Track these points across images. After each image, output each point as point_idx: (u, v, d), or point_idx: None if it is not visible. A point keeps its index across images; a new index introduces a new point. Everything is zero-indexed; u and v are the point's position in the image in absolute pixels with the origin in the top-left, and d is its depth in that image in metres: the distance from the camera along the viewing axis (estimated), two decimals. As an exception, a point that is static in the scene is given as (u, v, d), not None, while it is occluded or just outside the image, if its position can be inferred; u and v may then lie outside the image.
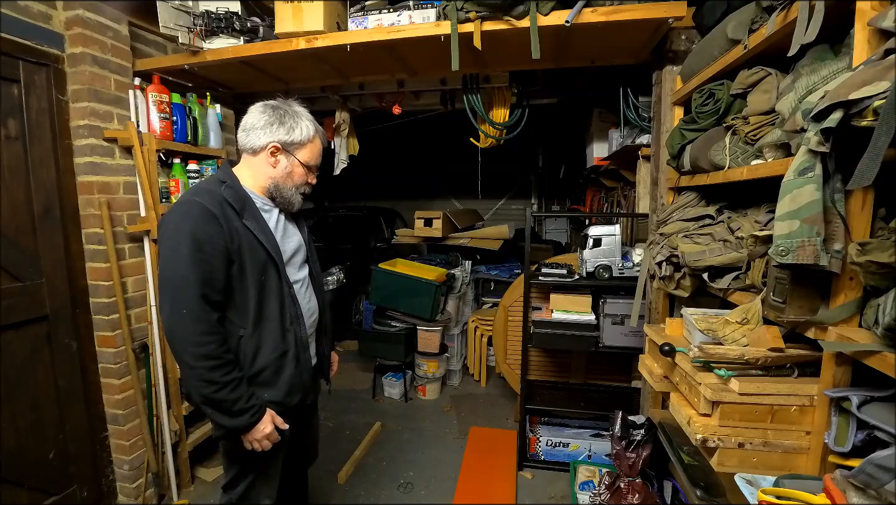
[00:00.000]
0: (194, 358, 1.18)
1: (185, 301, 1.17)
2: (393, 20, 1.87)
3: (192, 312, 1.18)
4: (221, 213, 1.23)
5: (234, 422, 1.25)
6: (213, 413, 1.26)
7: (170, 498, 2.25)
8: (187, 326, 1.17)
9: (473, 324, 3.66)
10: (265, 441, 1.30)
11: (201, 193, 1.25)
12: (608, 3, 1.66)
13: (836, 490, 0.81)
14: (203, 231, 1.19)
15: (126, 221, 2.07)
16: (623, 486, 1.91)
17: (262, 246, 1.29)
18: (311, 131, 1.36)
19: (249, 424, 1.26)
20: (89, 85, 1.91)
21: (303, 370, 1.40)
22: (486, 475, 2.45)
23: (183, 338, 1.18)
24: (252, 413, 1.26)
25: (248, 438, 1.29)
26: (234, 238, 1.24)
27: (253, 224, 1.28)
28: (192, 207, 1.21)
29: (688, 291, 1.48)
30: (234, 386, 1.22)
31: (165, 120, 2.14)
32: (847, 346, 0.86)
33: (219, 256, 1.21)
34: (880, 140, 0.70)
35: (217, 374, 1.20)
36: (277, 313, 1.32)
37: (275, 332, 1.32)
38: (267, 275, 1.31)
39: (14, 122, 1.78)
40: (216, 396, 1.21)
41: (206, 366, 1.18)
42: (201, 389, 1.20)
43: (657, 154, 2.00)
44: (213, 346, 1.19)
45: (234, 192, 1.29)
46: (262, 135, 1.31)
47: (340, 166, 3.00)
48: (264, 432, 1.29)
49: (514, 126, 2.64)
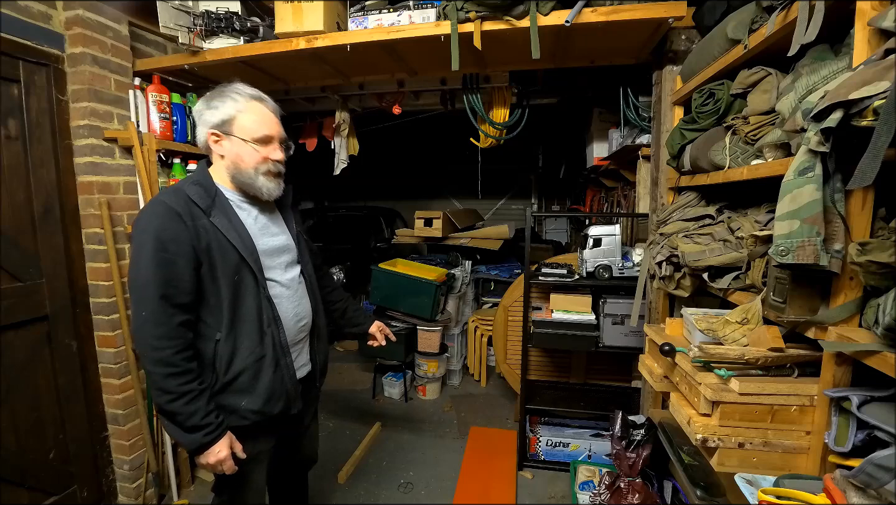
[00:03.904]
0: (151, 363, 1.13)
1: (145, 303, 1.13)
2: (393, 20, 1.87)
3: (151, 315, 1.12)
4: (187, 211, 1.17)
5: (187, 438, 1.17)
6: (167, 425, 1.19)
7: (170, 498, 2.25)
8: (147, 329, 1.12)
9: (473, 324, 3.66)
10: (218, 467, 1.20)
11: (168, 193, 1.21)
12: (608, 3, 1.66)
13: (836, 490, 0.81)
14: (165, 230, 1.14)
15: (126, 221, 2.07)
16: (623, 486, 1.91)
17: (231, 245, 1.21)
18: (240, 102, 1.24)
19: (202, 443, 1.17)
20: (89, 85, 1.91)
21: (283, 376, 1.31)
22: (486, 475, 2.45)
23: (142, 341, 1.14)
24: (207, 432, 1.17)
25: (200, 461, 1.19)
26: (200, 237, 1.17)
27: (222, 222, 1.21)
28: (157, 207, 1.17)
29: (688, 291, 1.47)
30: (190, 398, 1.14)
31: (165, 120, 2.15)
32: (847, 346, 0.86)
33: (183, 255, 1.15)
34: (880, 140, 0.70)
35: (172, 382, 1.13)
36: (254, 315, 1.25)
37: (251, 334, 1.25)
38: (241, 275, 1.23)
39: (14, 122, 1.78)
40: (169, 406, 1.14)
41: (161, 372, 1.12)
42: (157, 397, 1.14)
43: (657, 154, 2.00)
44: (169, 351, 1.13)
45: (202, 190, 1.22)
46: (201, 128, 1.26)
47: (340, 166, 2.99)
48: (218, 457, 1.19)
49: (514, 126, 2.64)
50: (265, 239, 1.32)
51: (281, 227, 1.40)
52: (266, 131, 1.26)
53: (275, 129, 1.29)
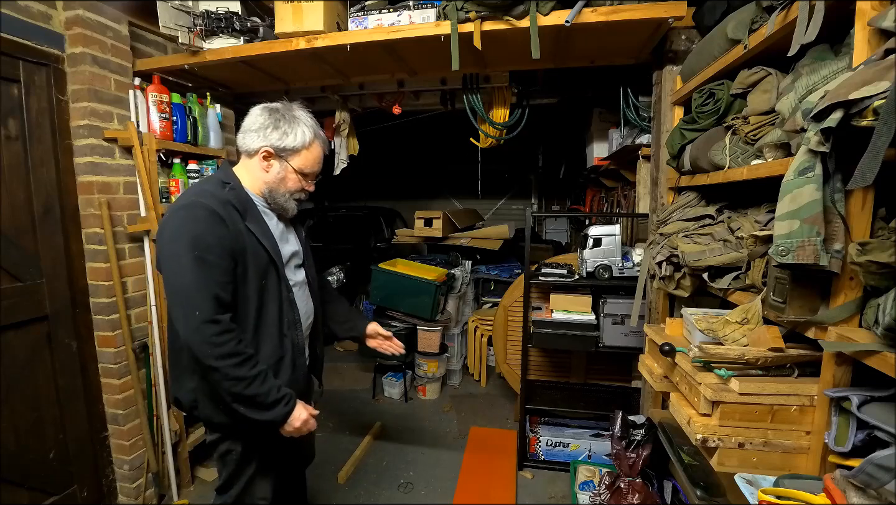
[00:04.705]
0: (218, 358, 1.16)
1: (198, 306, 1.15)
2: (393, 20, 1.87)
3: (204, 315, 1.15)
4: (227, 215, 1.22)
5: (271, 414, 1.24)
6: (247, 410, 1.23)
7: (170, 498, 2.25)
8: (205, 329, 1.15)
9: (473, 324, 3.66)
10: (304, 427, 1.30)
11: (205, 195, 1.23)
12: (608, 3, 1.66)
13: (836, 490, 0.82)
14: (212, 234, 1.18)
15: (126, 221, 2.07)
16: (623, 486, 1.91)
17: (264, 249, 1.28)
18: (308, 137, 1.32)
19: (285, 413, 1.26)
20: (89, 85, 1.91)
21: (298, 376, 1.39)
22: (486, 475, 2.45)
23: (202, 341, 1.16)
24: (285, 402, 1.25)
25: (287, 429, 1.28)
26: (238, 240, 1.23)
27: (256, 227, 1.28)
28: (199, 210, 1.19)
29: (688, 290, 1.47)
30: (262, 379, 1.21)
31: (165, 120, 2.14)
32: (847, 346, 0.86)
33: (226, 258, 1.20)
34: (880, 140, 0.70)
35: (243, 369, 1.18)
36: (276, 318, 1.31)
37: (273, 337, 1.31)
38: (268, 278, 1.29)
39: (14, 122, 1.78)
40: (247, 391, 1.19)
41: (231, 364, 1.17)
42: (231, 387, 1.18)
43: (657, 154, 2.00)
44: (232, 343, 1.17)
45: (238, 195, 1.28)
46: (256, 138, 1.30)
47: (340, 166, 2.99)
48: (301, 419, 1.28)
49: (514, 126, 2.64)
50: (283, 244, 1.39)
51: (292, 233, 1.49)
52: (313, 169, 1.37)
53: (319, 167, 1.39)
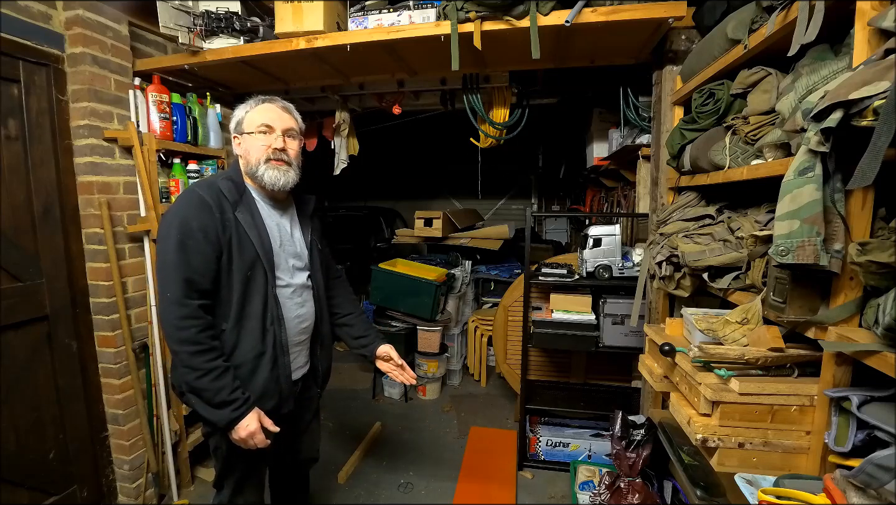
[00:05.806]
0: (177, 342, 1.19)
1: (170, 286, 1.19)
2: (393, 20, 1.86)
3: (174, 296, 1.18)
4: (217, 203, 1.25)
5: (216, 415, 1.22)
6: (196, 402, 1.25)
7: (170, 498, 2.25)
8: (171, 309, 1.18)
9: (473, 324, 3.66)
10: (249, 440, 1.24)
11: (201, 185, 1.29)
12: (608, 3, 1.66)
13: (836, 490, 0.82)
14: (196, 219, 1.21)
15: (126, 221, 2.07)
16: (623, 486, 1.91)
17: (250, 240, 1.28)
18: (251, 103, 1.36)
19: (231, 418, 1.22)
20: (89, 85, 1.91)
21: (279, 375, 1.35)
22: (486, 475, 2.45)
23: (167, 321, 1.19)
24: (235, 407, 1.22)
25: (233, 437, 1.25)
26: (226, 228, 1.25)
27: (245, 218, 1.29)
28: (192, 196, 1.25)
29: (688, 290, 1.47)
30: (216, 375, 1.20)
31: (165, 120, 2.14)
32: (847, 346, 0.86)
33: (210, 244, 1.22)
34: (880, 140, 0.70)
35: (198, 359, 1.18)
36: (259, 312, 1.30)
37: (255, 331, 1.30)
38: (254, 270, 1.30)
39: (14, 122, 1.78)
40: (197, 383, 1.19)
41: (187, 351, 1.18)
42: (185, 375, 1.20)
43: (657, 154, 2.00)
44: (193, 329, 1.18)
45: (233, 185, 1.32)
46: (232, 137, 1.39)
47: (340, 166, 2.99)
48: (248, 430, 1.23)
49: (514, 126, 2.64)
50: (284, 242, 1.39)
51: (297, 232, 1.47)
52: (265, 121, 1.33)
53: (276, 121, 1.34)
